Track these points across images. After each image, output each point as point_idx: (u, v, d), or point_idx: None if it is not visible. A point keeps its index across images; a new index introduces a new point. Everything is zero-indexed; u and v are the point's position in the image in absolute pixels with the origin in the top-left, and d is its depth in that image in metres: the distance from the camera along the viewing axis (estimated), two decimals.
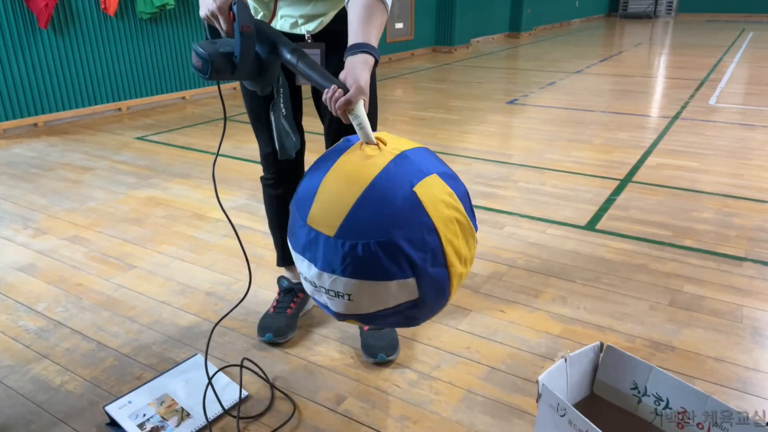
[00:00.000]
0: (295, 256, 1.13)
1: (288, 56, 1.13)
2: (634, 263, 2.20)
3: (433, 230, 1.04)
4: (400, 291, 1.05)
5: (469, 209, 1.13)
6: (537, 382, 1.05)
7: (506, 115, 4.77)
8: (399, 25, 8.18)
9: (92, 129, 4.38)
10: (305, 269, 1.10)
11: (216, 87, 5.69)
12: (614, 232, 2.47)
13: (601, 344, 1.18)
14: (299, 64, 1.12)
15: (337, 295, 1.07)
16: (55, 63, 4.37)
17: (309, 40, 1.44)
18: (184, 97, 5.41)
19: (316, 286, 1.10)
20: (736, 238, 2.40)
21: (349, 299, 1.07)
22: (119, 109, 4.90)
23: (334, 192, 1.05)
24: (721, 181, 3.10)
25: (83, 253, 2.32)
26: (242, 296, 1.97)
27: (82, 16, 4.47)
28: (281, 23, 1.47)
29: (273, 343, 1.71)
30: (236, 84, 5.86)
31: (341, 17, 1.43)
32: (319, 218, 1.05)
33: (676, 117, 4.59)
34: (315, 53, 1.36)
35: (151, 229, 2.54)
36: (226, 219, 2.61)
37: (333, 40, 1.44)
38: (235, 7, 1.08)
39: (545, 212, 2.70)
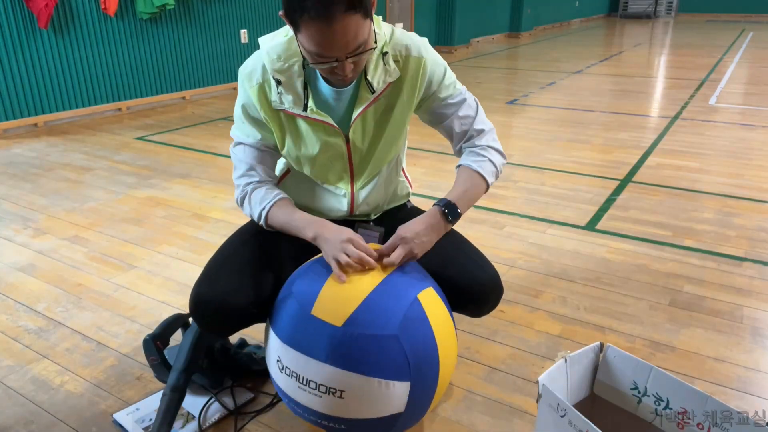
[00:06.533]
0: (282, 349, 1.10)
1: None
2: (634, 263, 2.20)
3: (434, 341, 1.10)
4: (389, 395, 1.06)
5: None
6: (537, 382, 1.05)
7: (506, 115, 4.77)
8: (399, 25, 8.17)
9: (92, 129, 4.38)
10: (293, 362, 1.08)
11: (216, 87, 5.69)
12: (614, 232, 2.47)
13: (601, 344, 1.18)
14: None
15: (328, 391, 1.04)
16: (55, 63, 4.37)
17: (371, 224, 1.40)
18: (184, 97, 5.41)
19: (302, 382, 1.07)
20: (736, 238, 2.40)
21: (340, 396, 1.04)
22: (119, 109, 4.90)
23: (343, 287, 1.09)
24: (721, 181, 3.10)
25: (83, 253, 2.32)
26: None
27: (82, 16, 4.47)
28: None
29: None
30: (235, 84, 5.85)
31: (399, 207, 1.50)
32: (325, 309, 1.07)
33: (676, 117, 4.59)
34: (374, 235, 1.31)
35: (151, 229, 2.54)
36: (226, 219, 2.63)
37: (390, 220, 1.44)
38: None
39: (545, 212, 2.70)
